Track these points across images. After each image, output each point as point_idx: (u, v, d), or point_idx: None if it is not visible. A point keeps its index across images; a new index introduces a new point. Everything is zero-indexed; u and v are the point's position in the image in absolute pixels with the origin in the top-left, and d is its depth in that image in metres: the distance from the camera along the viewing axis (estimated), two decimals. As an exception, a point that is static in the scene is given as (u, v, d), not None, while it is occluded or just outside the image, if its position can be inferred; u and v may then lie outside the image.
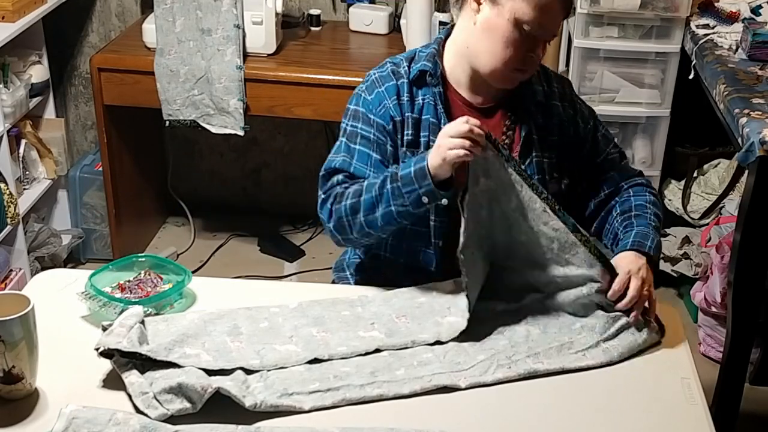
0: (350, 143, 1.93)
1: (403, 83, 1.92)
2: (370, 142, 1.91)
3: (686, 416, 1.58)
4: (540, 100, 1.95)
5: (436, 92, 1.91)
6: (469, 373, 1.65)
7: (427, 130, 1.91)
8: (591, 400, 1.62)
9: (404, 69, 1.94)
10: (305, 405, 1.56)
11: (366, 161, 1.91)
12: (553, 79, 2.01)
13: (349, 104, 1.97)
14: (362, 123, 1.92)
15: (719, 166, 3.38)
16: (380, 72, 1.96)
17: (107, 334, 1.61)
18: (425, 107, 1.91)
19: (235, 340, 1.69)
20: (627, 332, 1.76)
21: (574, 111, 1.99)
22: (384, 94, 1.92)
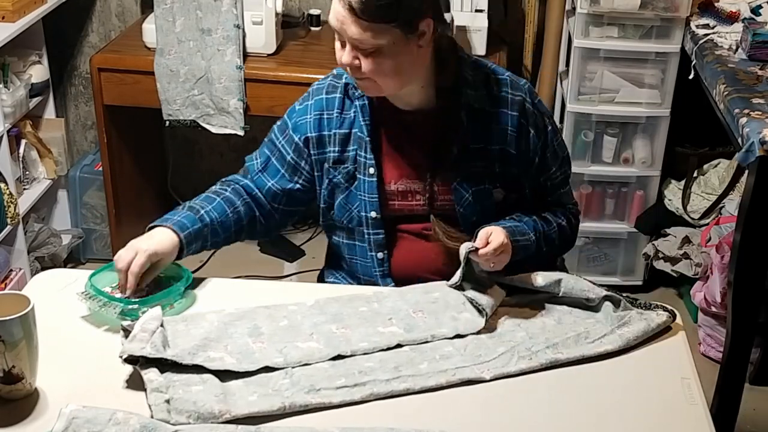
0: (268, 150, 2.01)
1: (335, 98, 1.93)
2: (275, 148, 1.99)
3: (686, 416, 1.58)
4: (479, 107, 1.88)
5: (358, 105, 1.91)
6: (492, 365, 1.67)
7: (355, 144, 1.92)
8: (590, 400, 1.62)
9: (343, 82, 1.93)
10: (334, 400, 1.57)
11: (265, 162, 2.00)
12: (508, 84, 1.91)
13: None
14: (280, 133, 1.99)
15: (719, 166, 3.38)
16: (319, 84, 1.97)
17: (130, 339, 1.61)
18: (355, 120, 1.91)
19: (257, 340, 1.69)
20: (639, 318, 1.78)
21: (527, 122, 1.91)
22: (309, 109, 1.94)
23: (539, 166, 1.95)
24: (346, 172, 1.93)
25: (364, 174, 1.91)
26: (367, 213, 1.93)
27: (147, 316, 1.67)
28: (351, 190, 1.93)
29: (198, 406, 1.50)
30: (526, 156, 1.92)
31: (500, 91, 1.91)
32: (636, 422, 1.57)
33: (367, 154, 1.90)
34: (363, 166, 1.91)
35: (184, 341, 1.66)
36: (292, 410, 1.54)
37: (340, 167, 1.93)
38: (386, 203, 1.93)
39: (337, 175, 1.93)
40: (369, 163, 1.90)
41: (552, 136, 1.97)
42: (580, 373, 1.69)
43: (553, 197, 2.01)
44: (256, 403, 1.54)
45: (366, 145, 1.90)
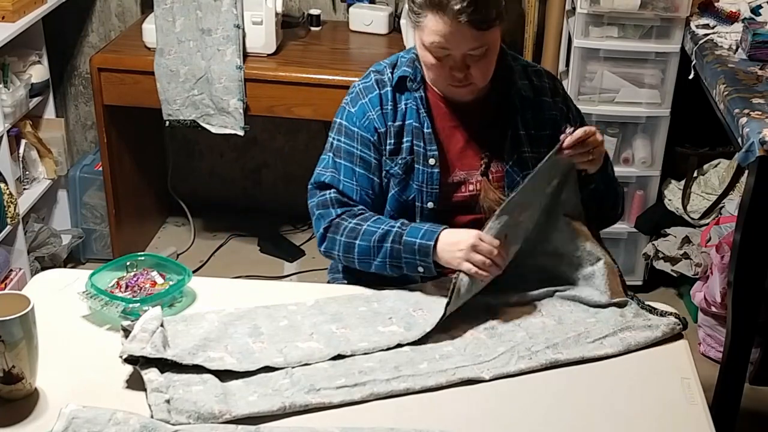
0: (336, 158, 1.95)
1: (387, 92, 1.94)
2: (354, 157, 1.94)
3: (686, 416, 1.58)
4: (527, 95, 1.95)
5: (417, 96, 1.92)
6: (492, 365, 1.67)
7: (410, 135, 1.92)
8: (590, 400, 1.62)
9: (387, 76, 1.95)
10: (334, 400, 1.57)
11: (351, 177, 1.93)
12: (543, 75, 2.01)
13: (335, 117, 1.99)
14: (345, 137, 1.95)
15: (719, 166, 3.38)
16: (364, 83, 1.97)
17: (130, 339, 1.62)
18: (408, 112, 1.93)
19: (257, 341, 1.70)
20: (643, 325, 1.79)
21: (567, 107, 2.00)
22: (367, 106, 1.94)
23: None
24: (404, 164, 1.92)
25: (423, 164, 1.91)
26: (423, 204, 1.93)
27: (147, 315, 1.68)
28: (408, 182, 1.93)
29: (198, 406, 1.50)
30: None
31: (540, 81, 1.99)
32: (636, 422, 1.57)
33: (428, 145, 1.91)
34: (422, 156, 1.91)
35: (184, 341, 1.66)
36: (292, 410, 1.54)
37: (397, 158, 1.93)
38: (443, 194, 1.94)
39: (394, 166, 1.93)
40: (430, 154, 1.91)
41: (584, 121, 2.04)
42: (580, 373, 1.69)
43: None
44: (256, 403, 1.54)
45: (425, 136, 1.91)
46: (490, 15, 1.78)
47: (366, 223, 1.88)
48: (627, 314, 1.82)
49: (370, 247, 1.86)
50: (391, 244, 1.83)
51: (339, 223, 1.90)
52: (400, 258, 1.83)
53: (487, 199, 1.95)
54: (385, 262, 1.85)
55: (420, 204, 1.93)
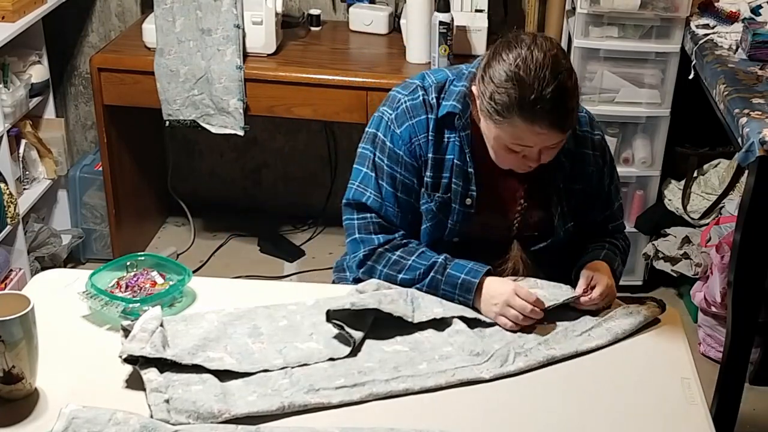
0: (379, 180, 1.88)
1: (431, 119, 1.84)
2: (396, 182, 1.87)
3: (686, 416, 1.58)
4: (569, 148, 1.86)
5: (463, 135, 1.84)
6: (491, 365, 1.67)
7: (449, 171, 1.86)
8: (590, 400, 1.62)
9: (432, 100, 1.85)
10: (333, 400, 1.57)
11: (393, 202, 1.88)
12: (586, 123, 1.92)
13: (375, 129, 1.90)
14: (388, 159, 1.87)
15: (719, 166, 3.38)
16: (411, 100, 1.86)
17: (130, 339, 1.62)
18: (450, 146, 1.85)
19: (257, 341, 1.70)
20: (625, 313, 1.82)
21: (603, 162, 1.94)
22: (414, 129, 1.85)
23: (605, 201, 1.99)
24: (441, 201, 1.87)
25: (460, 204, 1.87)
26: (450, 239, 1.90)
27: (147, 315, 1.68)
28: (440, 219, 1.89)
29: (197, 406, 1.50)
30: (597, 191, 1.96)
31: (582, 130, 1.91)
32: (636, 422, 1.58)
33: (470, 185, 1.85)
34: (460, 196, 1.86)
35: (184, 341, 1.66)
36: (291, 410, 1.54)
37: (435, 195, 1.87)
38: (470, 230, 1.91)
39: (431, 202, 1.88)
40: (470, 194, 1.86)
41: (615, 172, 2.01)
42: (580, 373, 1.69)
43: (612, 226, 2.03)
44: (255, 403, 1.54)
45: (468, 176, 1.85)
46: (575, 117, 1.73)
47: (411, 258, 1.85)
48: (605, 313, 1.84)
49: (413, 280, 1.84)
50: (434, 274, 1.82)
51: (382, 254, 1.87)
52: (439, 288, 1.82)
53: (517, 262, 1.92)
54: (422, 288, 1.84)
55: (447, 239, 1.91)
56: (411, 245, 1.88)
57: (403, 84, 1.92)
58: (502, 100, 1.68)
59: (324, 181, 3.84)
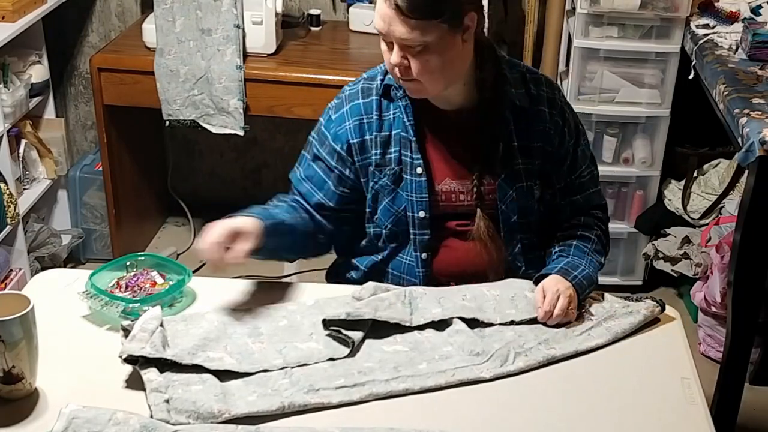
0: (311, 161, 1.99)
1: (372, 101, 1.91)
2: (317, 160, 1.97)
3: (686, 416, 1.58)
4: (521, 105, 1.90)
5: (401, 105, 1.89)
6: (491, 365, 1.67)
7: (397, 144, 1.90)
8: (590, 400, 1.62)
9: (377, 84, 1.92)
10: (333, 400, 1.57)
11: (309, 175, 1.98)
12: (543, 83, 1.95)
13: (321, 116, 2.00)
14: (320, 144, 1.98)
15: (719, 166, 3.38)
16: (351, 89, 1.96)
17: (130, 339, 1.62)
18: (395, 121, 1.90)
19: (256, 341, 1.70)
20: (625, 312, 1.82)
21: (562, 120, 1.95)
22: (347, 115, 1.93)
23: (571, 165, 1.98)
24: (392, 174, 1.91)
25: (411, 174, 1.90)
26: (415, 213, 1.91)
27: (147, 315, 1.68)
28: (398, 192, 1.92)
29: (197, 406, 1.50)
30: (560, 153, 1.95)
31: (538, 90, 1.93)
32: (636, 422, 1.57)
33: (414, 154, 1.89)
34: (409, 166, 1.89)
35: (184, 341, 1.66)
36: (291, 410, 1.54)
37: (385, 170, 1.91)
38: (433, 203, 1.92)
39: (383, 177, 1.92)
40: (416, 163, 1.89)
41: (582, 135, 2.00)
42: (580, 373, 1.69)
43: (583, 196, 2.01)
44: (255, 402, 1.54)
45: (412, 145, 1.89)
46: (424, 7, 1.70)
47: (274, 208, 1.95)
48: (606, 305, 1.85)
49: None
50: None
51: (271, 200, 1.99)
52: None
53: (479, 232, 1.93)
54: None
55: (412, 213, 1.92)
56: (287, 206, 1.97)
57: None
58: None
59: (324, 181, 3.84)
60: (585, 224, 1.99)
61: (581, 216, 2.01)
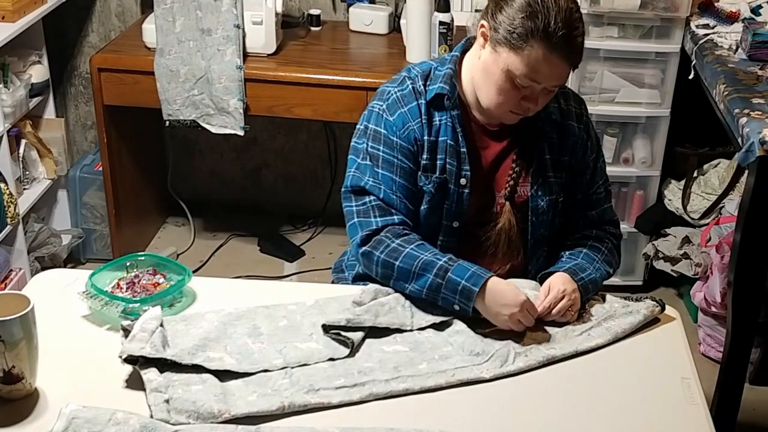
0: (375, 167, 1.88)
1: (423, 104, 1.88)
2: (394, 167, 1.88)
3: (686, 416, 1.58)
4: (556, 119, 1.93)
5: (454, 115, 1.88)
6: (491, 365, 1.67)
7: (444, 153, 1.88)
8: (590, 400, 1.62)
9: (419, 87, 1.89)
10: (333, 400, 1.57)
11: (391, 187, 1.88)
12: (571, 97, 1.98)
13: (366, 122, 1.92)
14: (384, 146, 1.88)
15: (719, 166, 3.38)
16: (401, 90, 1.90)
17: (130, 339, 1.62)
18: (442, 128, 1.88)
19: (256, 341, 1.70)
20: (625, 312, 1.82)
21: (587, 135, 1.97)
22: (407, 115, 1.88)
23: (590, 179, 1.99)
24: (438, 182, 1.88)
25: (455, 185, 1.88)
26: (449, 222, 1.91)
27: (147, 315, 1.68)
28: (438, 200, 1.90)
29: (197, 406, 1.50)
30: (581, 167, 1.97)
31: (567, 104, 1.96)
32: (636, 422, 1.57)
33: (463, 164, 1.88)
34: (455, 176, 1.88)
35: (184, 341, 1.66)
36: (291, 410, 1.54)
37: (432, 176, 1.88)
38: (468, 214, 1.91)
39: (428, 183, 1.89)
40: (464, 174, 1.88)
41: (601, 152, 2.03)
42: (580, 373, 1.69)
43: (597, 211, 2.02)
44: (255, 402, 1.54)
45: (461, 156, 1.88)
46: (582, 54, 1.79)
47: (409, 246, 1.83)
48: (606, 305, 1.85)
49: (410, 271, 1.80)
50: (434, 276, 1.78)
51: (381, 240, 1.84)
52: (438, 292, 1.78)
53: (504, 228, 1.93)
54: (421, 291, 1.80)
55: (447, 222, 1.91)
56: (411, 236, 1.87)
57: (391, 79, 1.96)
58: (525, 25, 1.73)
59: (324, 181, 3.84)
60: (596, 237, 1.99)
61: (593, 229, 2.00)
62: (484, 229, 1.94)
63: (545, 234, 1.96)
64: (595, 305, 1.85)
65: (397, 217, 1.87)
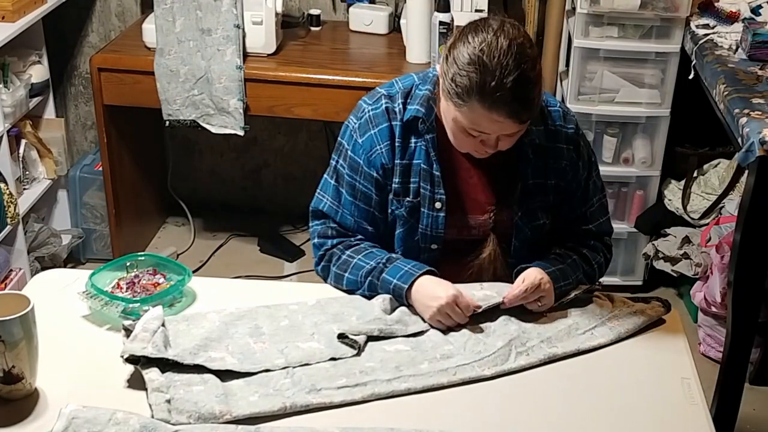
0: (339, 187, 1.92)
1: (396, 125, 1.85)
2: (355, 191, 1.89)
3: (686, 416, 1.58)
4: (540, 143, 1.86)
5: (428, 138, 1.84)
6: (492, 362, 1.67)
7: (417, 176, 1.86)
8: (590, 400, 1.62)
9: (399, 107, 1.85)
10: (335, 400, 1.57)
11: (350, 208, 1.90)
12: (560, 117, 1.90)
13: (341, 138, 1.92)
14: (350, 169, 1.89)
15: (719, 166, 3.38)
16: (374, 109, 1.87)
17: (131, 339, 1.61)
18: (417, 151, 1.85)
19: (258, 341, 1.70)
20: (629, 312, 1.81)
21: (578, 155, 1.91)
22: (376, 138, 1.86)
23: (582, 197, 1.95)
24: (410, 206, 1.87)
25: (429, 208, 1.86)
26: (427, 245, 1.89)
27: (148, 315, 1.68)
28: (412, 224, 1.89)
29: (199, 407, 1.50)
30: (572, 187, 1.92)
31: (555, 125, 1.89)
32: (636, 422, 1.58)
33: (437, 188, 1.85)
34: (428, 200, 1.86)
35: (186, 341, 1.66)
36: (293, 410, 1.54)
37: (404, 200, 1.87)
38: (446, 237, 1.90)
39: (400, 207, 1.88)
40: (438, 198, 1.85)
41: (594, 167, 1.98)
42: (580, 373, 1.69)
43: (595, 225, 1.98)
44: (257, 403, 1.54)
45: (435, 179, 1.85)
46: (535, 108, 1.72)
47: (357, 257, 1.87)
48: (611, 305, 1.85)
49: (357, 281, 1.86)
50: (371, 278, 1.83)
51: (333, 254, 1.90)
52: (377, 293, 1.83)
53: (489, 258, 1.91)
54: (366, 296, 1.85)
55: (424, 245, 1.90)
56: (362, 245, 1.89)
57: (371, 93, 1.93)
58: (462, 83, 1.68)
59: (324, 181, 3.84)
60: (593, 248, 1.96)
61: (592, 240, 1.98)
62: (469, 258, 1.91)
63: (528, 254, 1.91)
64: (600, 304, 1.84)
65: (354, 239, 1.91)
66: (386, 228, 1.93)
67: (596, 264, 1.95)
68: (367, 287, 1.85)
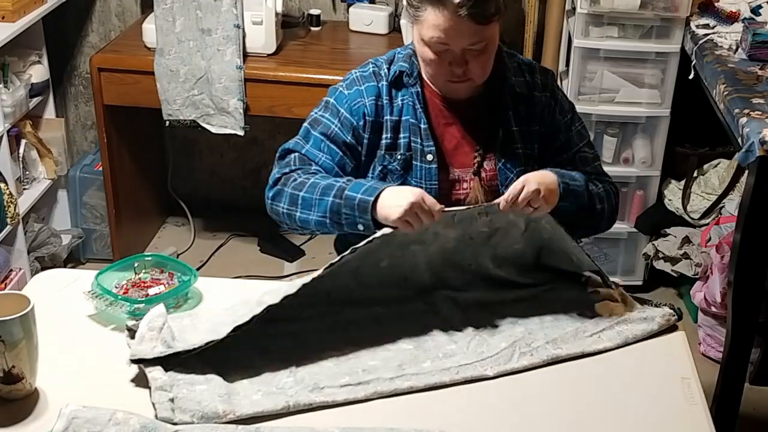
0: (310, 129, 1.95)
1: (383, 85, 1.94)
2: (329, 131, 1.93)
3: (686, 416, 1.58)
4: (521, 92, 1.95)
5: (413, 92, 1.93)
6: (494, 361, 1.67)
7: (407, 131, 1.92)
8: (591, 400, 1.62)
9: (384, 71, 1.95)
10: (338, 398, 1.57)
11: (318, 146, 1.92)
12: (536, 71, 2.01)
13: (327, 97, 1.98)
14: (329, 113, 1.94)
15: (719, 166, 3.38)
16: (362, 72, 1.97)
17: (139, 341, 1.61)
18: (404, 108, 1.93)
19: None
20: (640, 318, 1.80)
21: (554, 101, 1.99)
22: (363, 92, 1.93)
23: (565, 141, 1.98)
24: (403, 160, 1.92)
25: (421, 161, 1.92)
26: None
27: (151, 314, 1.67)
28: (406, 178, 1.93)
29: (202, 406, 1.50)
30: (552, 129, 1.98)
31: (533, 77, 1.98)
32: (636, 422, 1.58)
33: (425, 141, 1.91)
34: (419, 153, 1.91)
35: (192, 336, 1.65)
36: (296, 409, 1.54)
37: (396, 154, 1.93)
38: (441, 191, 1.92)
39: (393, 162, 1.93)
40: (427, 150, 1.91)
41: (577, 119, 2.03)
42: (581, 373, 1.69)
43: (591, 167, 1.99)
44: (260, 402, 1.54)
45: (423, 132, 1.91)
46: (490, 9, 1.78)
47: (314, 177, 1.86)
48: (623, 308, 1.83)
49: (312, 198, 1.82)
50: (333, 198, 1.79)
51: (290, 176, 1.90)
52: (340, 213, 1.79)
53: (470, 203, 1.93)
54: (325, 217, 1.81)
55: None
56: (321, 174, 1.89)
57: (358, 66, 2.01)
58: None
59: (324, 181, 3.84)
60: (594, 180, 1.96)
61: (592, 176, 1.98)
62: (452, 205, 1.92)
63: None
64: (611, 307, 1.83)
65: (315, 168, 1.91)
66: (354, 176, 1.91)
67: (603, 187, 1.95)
68: (327, 208, 1.79)
